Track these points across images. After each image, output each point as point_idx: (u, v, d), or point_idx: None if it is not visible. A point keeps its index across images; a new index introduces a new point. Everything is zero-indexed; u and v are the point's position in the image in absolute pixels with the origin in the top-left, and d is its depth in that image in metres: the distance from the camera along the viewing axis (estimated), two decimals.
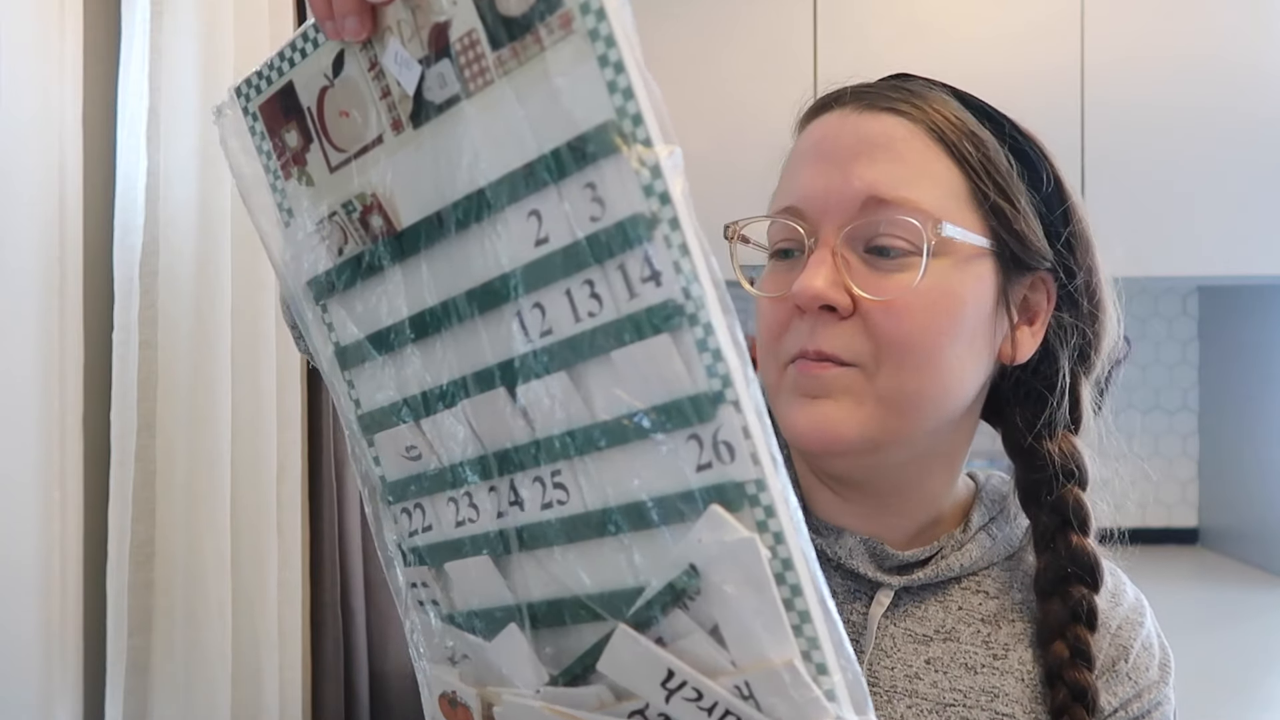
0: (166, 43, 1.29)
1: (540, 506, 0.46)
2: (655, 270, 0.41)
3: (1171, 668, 0.72)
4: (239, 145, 0.53)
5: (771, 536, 0.40)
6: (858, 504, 0.70)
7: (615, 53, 0.41)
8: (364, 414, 0.53)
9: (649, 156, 0.40)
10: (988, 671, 0.68)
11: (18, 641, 1.06)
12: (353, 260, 0.50)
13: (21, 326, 1.07)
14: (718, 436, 0.40)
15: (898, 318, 0.62)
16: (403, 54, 0.45)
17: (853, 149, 0.64)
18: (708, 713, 0.42)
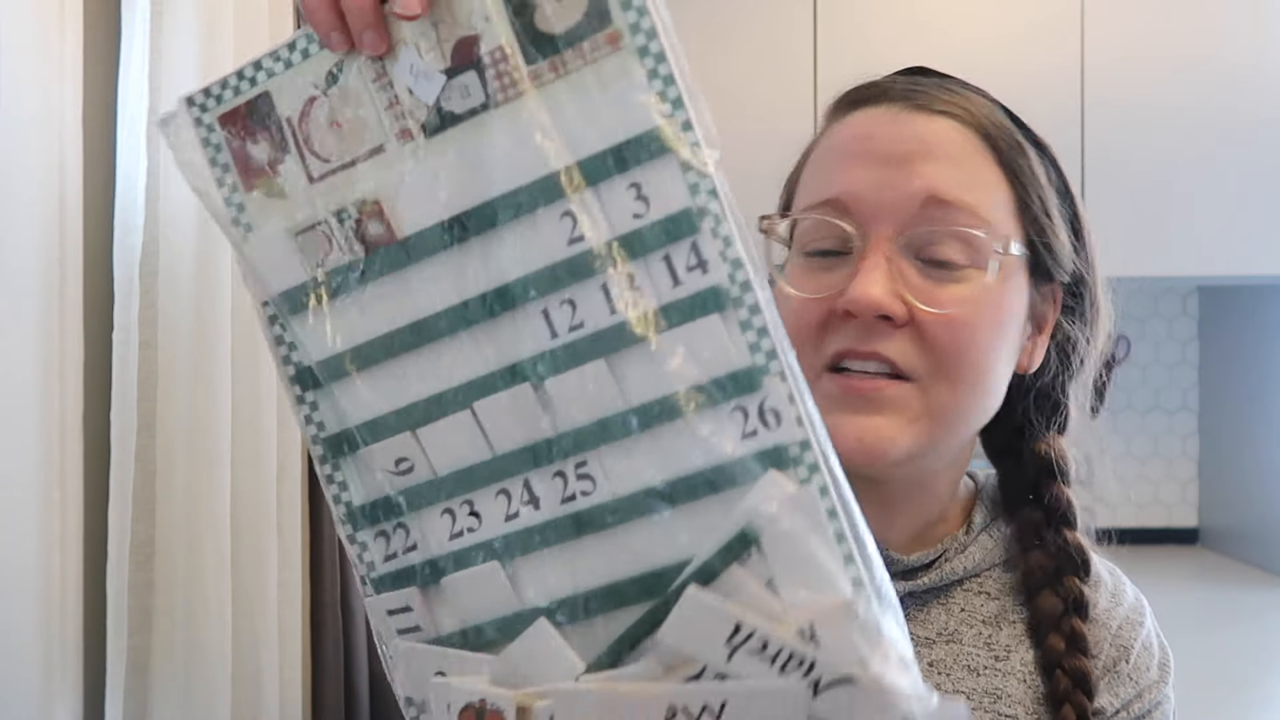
0: (166, 43, 1.29)
1: (561, 501, 0.47)
2: (703, 259, 0.45)
3: (1171, 667, 0.72)
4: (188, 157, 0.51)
5: (819, 490, 0.44)
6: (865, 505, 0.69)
7: (665, 67, 0.46)
8: (328, 436, 0.51)
9: (697, 158, 0.45)
10: (990, 673, 0.68)
11: (18, 641, 1.06)
12: (339, 271, 0.49)
13: (21, 326, 1.07)
14: (765, 405, 0.44)
15: (956, 331, 0.61)
16: (420, 65, 0.47)
17: (907, 148, 0.62)
18: (771, 661, 0.44)
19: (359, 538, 0.51)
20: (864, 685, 0.43)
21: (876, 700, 0.43)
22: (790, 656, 0.44)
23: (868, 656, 0.43)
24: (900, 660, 0.44)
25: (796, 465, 0.44)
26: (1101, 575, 0.73)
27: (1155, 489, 2.49)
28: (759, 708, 0.44)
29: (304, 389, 0.51)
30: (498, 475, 0.48)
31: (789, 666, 0.44)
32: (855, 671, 0.43)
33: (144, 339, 1.27)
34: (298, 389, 0.51)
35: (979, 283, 0.61)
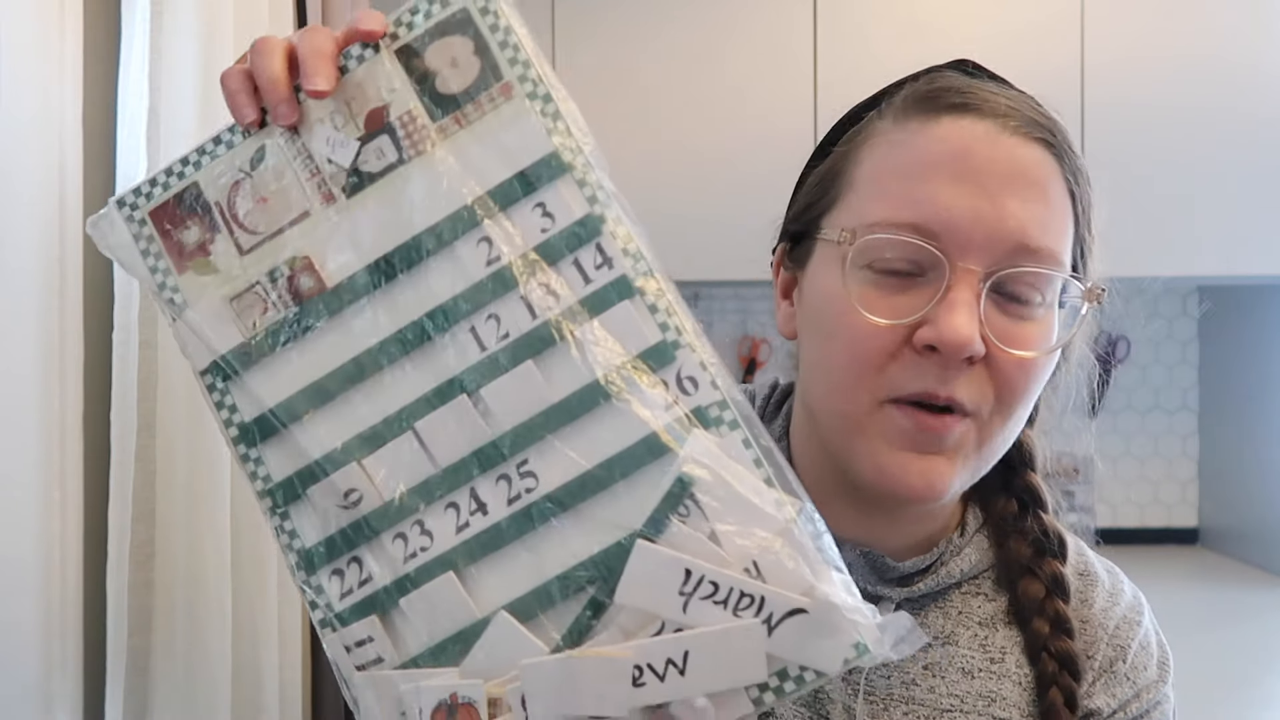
0: (166, 43, 1.29)
1: (507, 502, 0.51)
2: (608, 256, 0.51)
3: (1170, 666, 0.72)
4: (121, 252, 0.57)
5: (740, 441, 0.49)
6: (874, 518, 0.68)
7: (552, 106, 0.53)
8: (275, 486, 0.54)
9: (590, 174, 0.52)
10: (985, 676, 0.68)
11: (18, 641, 1.06)
12: (274, 327, 0.54)
13: (21, 326, 1.07)
14: (681, 374, 0.50)
15: (1025, 370, 0.60)
16: (336, 136, 0.54)
17: (1005, 178, 0.59)
18: (724, 604, 0.47)
19: (314, 581, 0.53)
20: (814, 610, 0.47)
21: (827, 622, 0.47)
22: (741, 596, 0.47)
23: (812, 581, 0.47)
24: (843, 581, 0.48)
25: (719, 424, 0.49)
26: (1098, 573, 0.73)
27: (1155, 489, 2.49)
28: (720, 652, 0.47)
29: (248, 446, 0.54)
30: (445, 489, 0.52)
31: (741, 607, 0.47)
32: (804, 601, 0.47)
33: (144, 339, 1.27)
34: (242, 447, 0.55)
35: (1048, 323, 0.61)
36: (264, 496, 0.54)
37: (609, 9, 2.15)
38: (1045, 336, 0.61)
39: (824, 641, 0.47)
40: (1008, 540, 0.70)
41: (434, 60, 0.54)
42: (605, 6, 2.15)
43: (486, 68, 0.53)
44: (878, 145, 0.63)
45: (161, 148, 1.29)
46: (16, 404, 1.06)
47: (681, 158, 2.13)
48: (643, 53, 2.15)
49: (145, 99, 1.27)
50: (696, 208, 2.07)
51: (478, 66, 0.53)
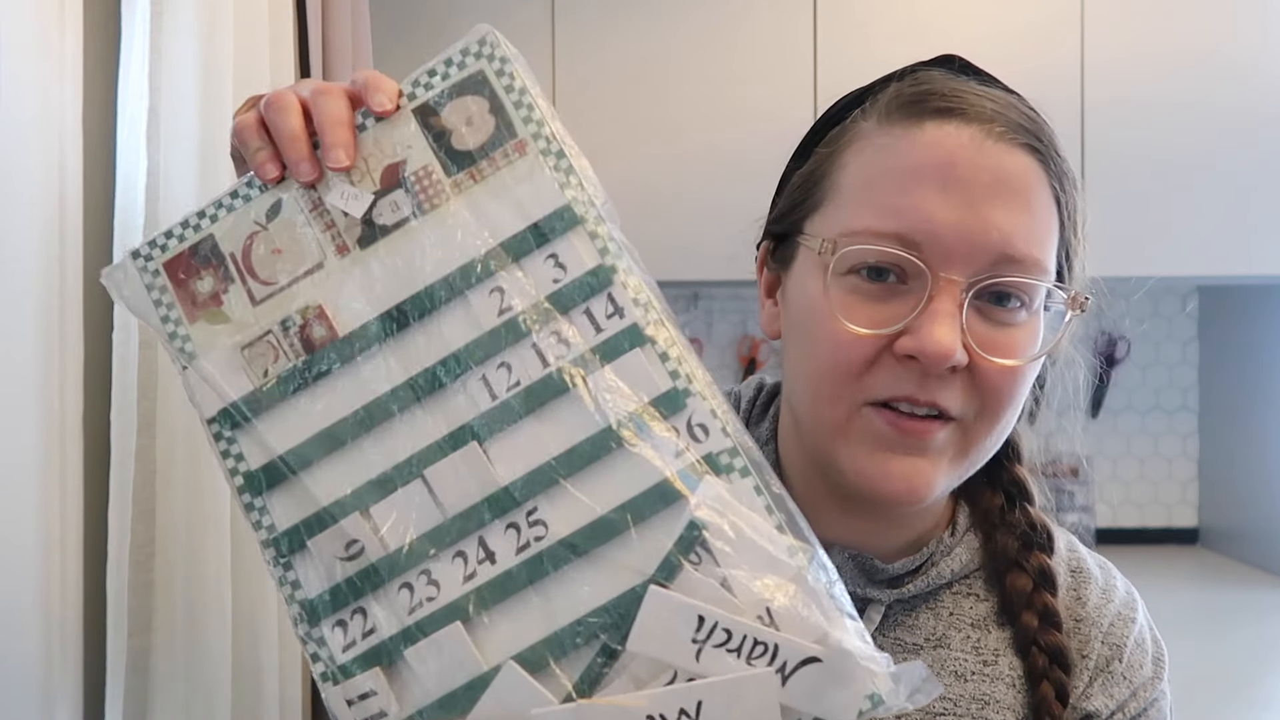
0: (166, 43, 1.29)
1: (516, 551, 0.50)
2: (619, 306, 0.53)
3: (1165, 662, 0.71)
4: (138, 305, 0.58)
5: (752, 488, 0.50)
6: (864, 520, 0.68)
7: (565, 162, 0.55)
8: (279, 535, 0.54)
9: (601, 227, 0.54)
10: (978, 679, 0.68)
11: (18, 641, 1.06)
12: (286, 375, 0.55)
13: (21, 326, 1.07)
14: (692, 421, 0.51)
15: (1012, 379, 0.60)
16: (350, 190, 0.55)
17: (989, 187, 0.59)
18: (737, 652, 0.47)
19: (315, 634, 0.53)
20: (828, 658, 0.46)
21: (841, 670, 0.46)
22: (755, 644, 0.47)
23: (826, 628, 0.47)
24: (856, 629, 0.48)
25: (730, 471, 0.50)
26: (1091, 570, 0.73)
27: (1155, 489, 2.49)
28: (733, 702, 0.47)
29: (254, 494, 0.54)
30: (454, 538, 0.51)
31: (755, 655, 0.47)
32: (817, 649, 0.47)
33: (144, 339, 1.27)
34: (247, 495, 0.55)
35: (1033, 329, 0.61)
36: (268, 546, 0.54)
37: (609, 9, 2.15)
38: (1029, 343, 0.61)
39: (838, 691, 0.47)
40: (995, 534, 0.70)
41: (450, 118, 0.55)
42: (605, 6, 2.15)
43: (501, 125, 0.55)
44: (862, 150, 0.63)
45: (161, 148, 1.29)
46: (16, 404, 1.06)
47: (682, 157, 2.13)
48: (643, 52, 2.15)
49: (145, 99, 1.27)
50: (696, 207, 2.07)
51: (493, 124, 0.55)
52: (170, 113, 1.29)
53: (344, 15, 1.68)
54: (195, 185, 1.30)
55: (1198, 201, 2.06)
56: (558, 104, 2.15)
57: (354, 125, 0.55)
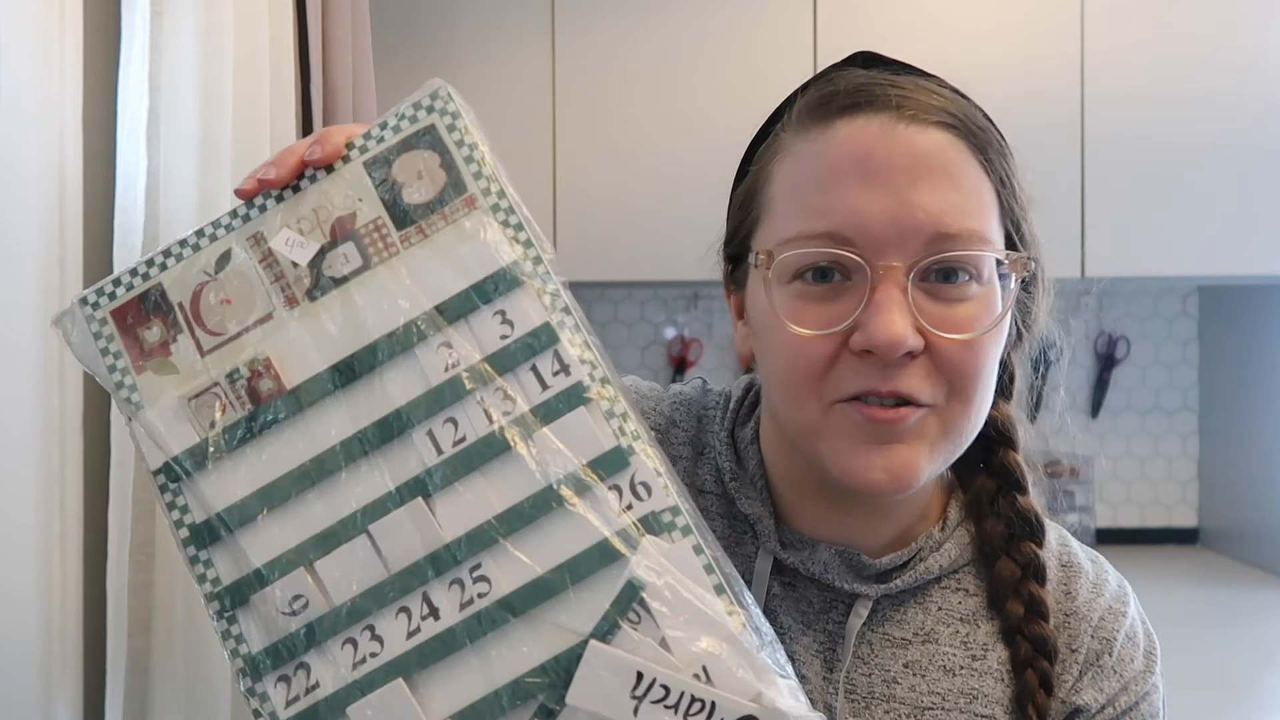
0: (166, 43, 1.29)
1: (460, 607, 0.51)
2: (565, 364, 0.53)
3: (1157, 655, 0.71)
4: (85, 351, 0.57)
5: (693, 549, 0.50)
6: (851, 515, 0.69)
7: (514, 217, 0.56)
8: (223, 589, 0.54)
9: (549, 283, 0.55)
10: (966, 673, 0.68)
11: (18, 641, 1.06)
12: (230, 428, 0.54)
13: (21, 326, 1.07)
14: (635, 479, 0.51)
15: (973, 352, 0.60)
16: (296, 238, 0.56)
17: (907, 171, 0.59)
18: (675, 709, 0.48)
19: (258, 689, 0.53)
20: (762, 716, 0.48)
21: None
22: (692, 701, 0.48)
23: (760, 689, 0.48)
24: (790, 688, 0.49)
25: (671, 530, 0.51)
26: (1082, 564, 0.73)
27: (1155, 489, 2.49)
28: None
29: (199, 548, 0.54)
30: (397, 593, 0.52)
31: (692, 712, 0.48)
32: (753, 707, 0.48)
33: None
34: (192, 549, 0.54)
35: (986, 299, 0.61)
36: (211, 600, 0.54)
37: (609, 8, 2.15)
38: (985, 314, 0.61)
39: None
40: (984, 521, 0.70)
41: (401, 172, 0.56)
42: (605, 6, 2.15)
43: (451, 181, 0.56)
44: (784, 160, 0.64)
45: (161, 148, 1.29)
46: (16, 404, 1.06)
47: (681, 157, 2.13)
48: (642, 52, 2.15)
49: (145, 99, 1.27)
50: (696, 207, 2.07)
51: (443, 179, 0.56)
52: (170, 113, 1.29)
53: (344, 15, 1.68)
54: (195, 185, 1.30)
55: (1198, 200, 2.06)
56: (558, 104, 2.15)
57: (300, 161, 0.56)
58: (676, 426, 0.76)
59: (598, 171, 2.14)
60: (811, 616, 0.69)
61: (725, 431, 0.74)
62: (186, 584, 1.28)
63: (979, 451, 0.70)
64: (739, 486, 0.72)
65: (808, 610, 0.69)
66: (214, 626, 0.54)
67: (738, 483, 0.72)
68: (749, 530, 0.71)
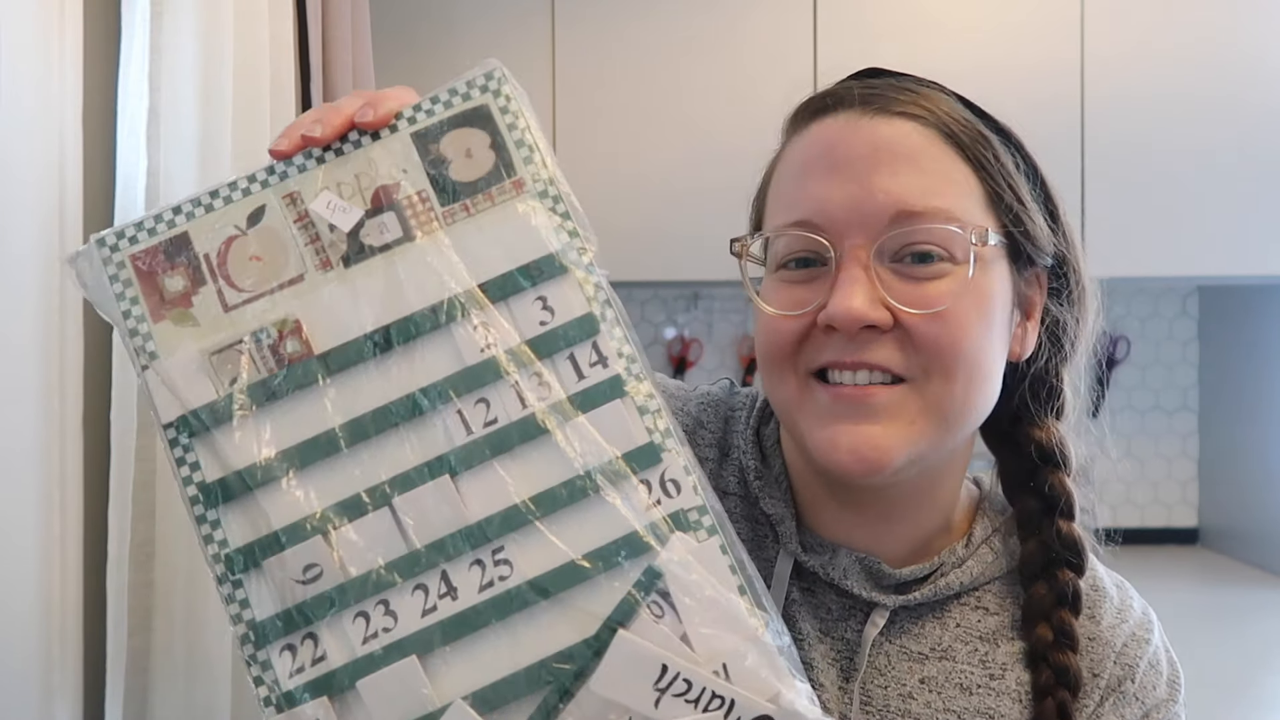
0: (166, 43, 1.29)
1: (479, 589, 0.50)
2: (603, 355, 0.53)
3: (1181, 684, 0.70)
4: (99, 295, 0.55)
5: (718, 547, 0.51)
6: (864, 517, 0.68)
7: (562, 206, 0.55)
8: (233, 551, 0.52)
9: (593, 275, 0.54)
10: (984, 692, 0.67)
11: (18, 641, 1.06)
12: (254, 387, 0.53)
13: (21, 326, 1.07)
14: (665, 476, 0.52)
15: (945, 326, 0.60)
16: (339, 203, 0.54)
17: (869, 158, 0.62)
18: (695, 703, 0.48)
19: (260, 657, 0.51)
20: (779, 717, 0.48)
21: None
22: (712, 697, 0.48)
23: (779, 689, 0.49)
24: (806, 692, 0.50)
25: (697, 528, 0.51)
26: (1107, 589, 0.72)
27: (1155, 489, 2.48)
28: None
29: (208, 507, 0.52)
30: (416, 569, 0.51)
31: (712, 707, 0.48)
32: (770, 708, 0.48)
33: None
34: (199, 508, 0.53)
35: (959, 276, 0.61)
36: (217, 561, 0.52)
37: (609, 9, 2.15)
38: (956, 292, 0.61)
39: None
40: (1029, 540, 0.70)
41: (449, 148, 0.55)
42: (605, 6, 2.15)
43: (501, 162, 0.55)
44: (777, 165, 0.68)
45: (161, 148, 1.29)
46: (16, 404, 1.06)
47: (682, 157, 2.13)
48: (643, 53, 2.15)
49: (145, 99, 1.28)
50: (696, 207, 2.07)
51: (492, 160, 0.55)
52: (170, 113, 1.29)
53: (344, 15, 1.68)
54: (195, 185, 1.30)
55: (1198, 201, 2.06)
56: (558, 104, 2.15)
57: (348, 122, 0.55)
58: (704, 428, 0.76)
59: (598, 171, 2.14)
60: (830, 624, 0.69)
61: (750, 430, 0.74)
62: (186, 584, 1.29)
63: (1028, 470, 0.70)
64: (763, 486, 0.71)
65: (826, 617, 0.69)
66: (218, 590, 0.52)
67: (761, 481, 0.71)
68: (770, 532, 0.71)
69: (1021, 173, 0.65)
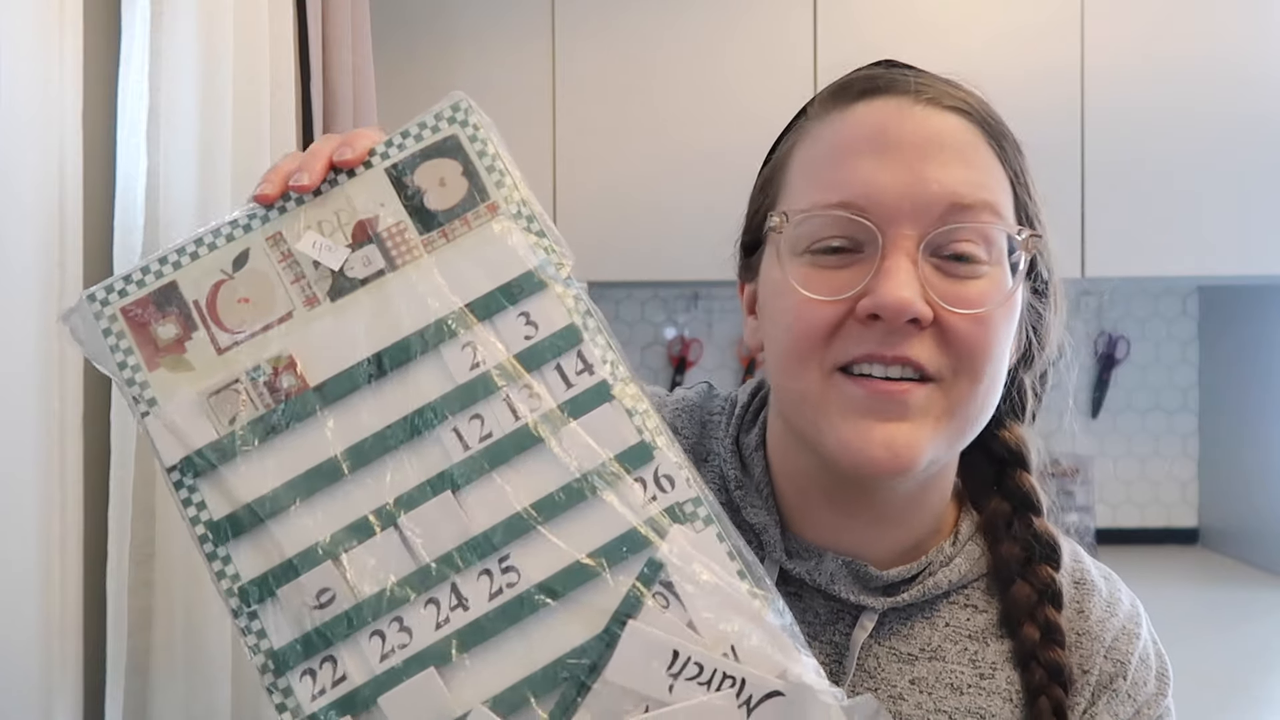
0: (166, 43, 1.29)
1: (489, 597, 0.52)
2: (588, 363, 0.55)
3: (1169, 678, 0.70)
4: (94, 348, 0.57)
5: (715, 536, 0.53)
6: (856, 520, 0.68)
7: (536, 225, 0.57)
8: (245, 584, 0.53)
9: (571, 287, 0.57)
10: (974, 691, 0.67)
11: (18, 641, 1.06)
12: (254, 423, 0.55)
13: (21, 326, 1.07)
14: (658, 472, 0.54)
15: (981, 328, 0.60)
16: (323, 241, 0.56)
17: (921, 147, 0.60)
18: (707, 685, 0.50)
19: (281, 684, 0.52)
20: (789, 692, 0.50)
21: (800, 703, 0.50)
22: (724, 678, 0.50)
23: (786, 664, 0.51)
24: (813, 666, 0.52)
25: (694, 519, 0.53)
26: (1095, 581, 0.72)
27: (1155, 489, 2.49)
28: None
29: (217, 544, 0.54)
30: (426, 584, 0.52)
31: (724, 687, 0.50)
32: (780, 684, 0.50)
33: None
34: (209, 545, 0.54)
35: (995, 279, 0.61)
36: (231, 595, 0.53)
37: (609, 9, 2.15)
38: (995, 293, 0.60)
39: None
40: (999, 544, 0.69)
41: (423, 179, 0.57)
42: (605, 6, 2.15)
43: (474, 189, 0.57)
44: (803, 143, 0.66)
45: (161, 148, 1.29)
46: (16, 404, 1.06)
47: (681, 157, 2.13)
48: (642, 52, 2.15)
49: (145, 99, 1.27)
50: (696, 207, 2.07)
51: (465, 187, 0.57)
52: (170, 113, 1.29)
53: (344, 15, 1.68)
54: (195, 185, 1.30)
55: (1198, 202, 2.06)
56: (558, 103, 2.15)
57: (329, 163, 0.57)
58: (678, 434, 0.75)
59: (598, 171, 2.14)
60: (818, 628, 0.68)
61: (730, 438, 0.73)
62: (186, 584, 1.29)
63: (992, 472, 0.70)
64: (744, 495, 0.70)
65: (814, 621, 0.68)
66: (233, 624, 0.53)
67: (743, 490, 0.71)
68: (754, 540, 0.70)
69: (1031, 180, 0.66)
